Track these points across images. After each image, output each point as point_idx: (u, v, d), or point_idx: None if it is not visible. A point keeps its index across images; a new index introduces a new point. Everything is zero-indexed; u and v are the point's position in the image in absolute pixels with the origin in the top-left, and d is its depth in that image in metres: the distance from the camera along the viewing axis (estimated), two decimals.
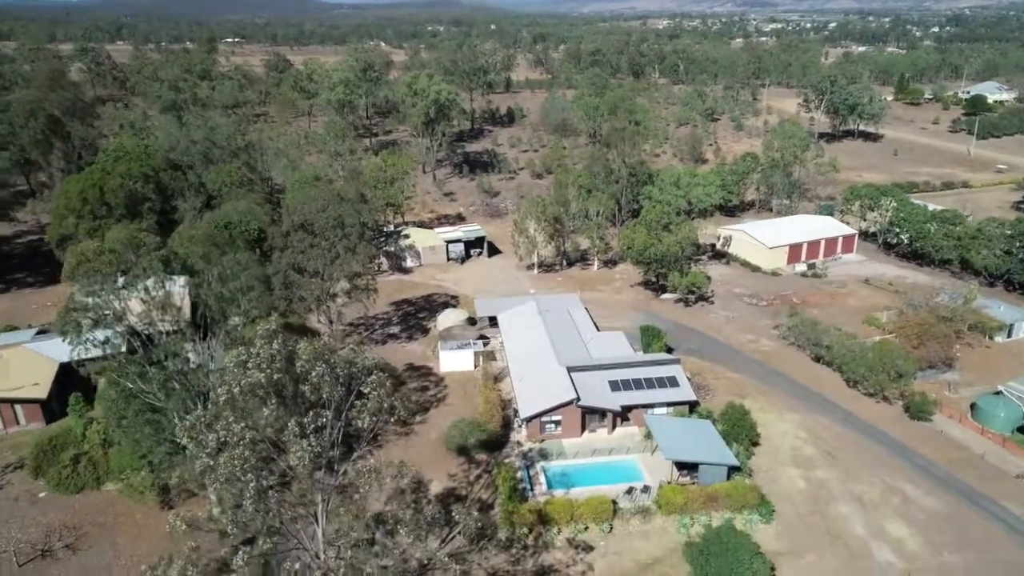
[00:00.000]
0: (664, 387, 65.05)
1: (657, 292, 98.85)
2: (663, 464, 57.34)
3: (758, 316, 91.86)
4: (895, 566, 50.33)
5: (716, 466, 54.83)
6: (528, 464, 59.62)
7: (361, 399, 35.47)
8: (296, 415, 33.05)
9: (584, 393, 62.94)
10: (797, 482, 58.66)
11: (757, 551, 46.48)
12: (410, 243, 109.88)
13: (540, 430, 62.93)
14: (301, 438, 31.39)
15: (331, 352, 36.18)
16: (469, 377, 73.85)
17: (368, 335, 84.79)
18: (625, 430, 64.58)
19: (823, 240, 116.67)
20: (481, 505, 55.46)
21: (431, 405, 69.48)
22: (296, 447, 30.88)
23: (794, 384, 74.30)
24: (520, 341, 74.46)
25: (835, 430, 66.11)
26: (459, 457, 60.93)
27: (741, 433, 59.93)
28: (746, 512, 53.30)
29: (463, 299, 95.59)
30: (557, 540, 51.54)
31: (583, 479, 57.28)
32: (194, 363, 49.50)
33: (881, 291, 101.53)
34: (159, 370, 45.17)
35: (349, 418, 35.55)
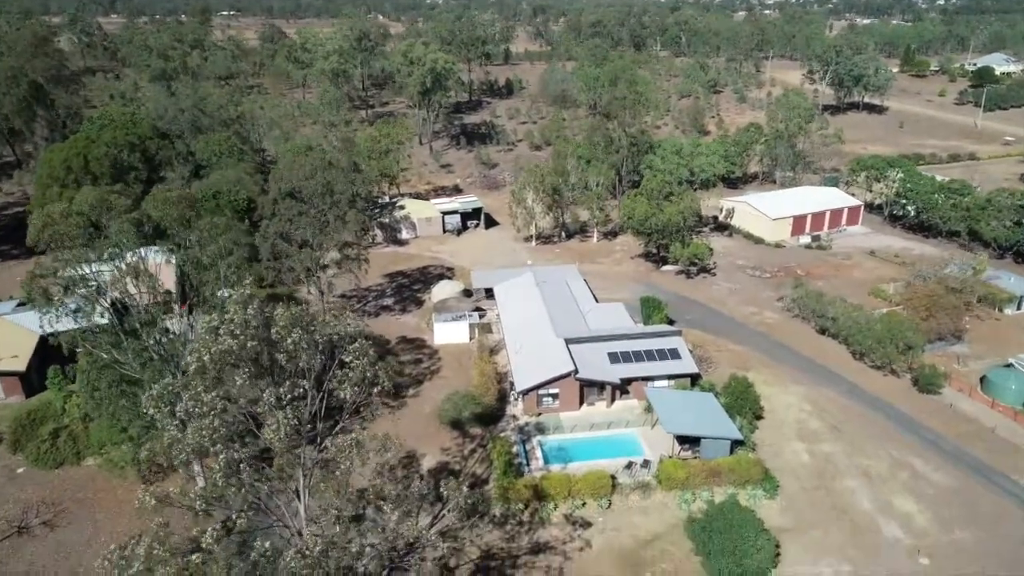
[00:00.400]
0: (665, 359, 62.92)
1: (658, 264, 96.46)
2: (664, 438, 55.36)
3: (761, 288, 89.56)
4: (903, 542, 48.54)
5: (719, 440, 52.83)
6: (524, 438, 57.66)
7: (343, 368, 33.23)
8: (273, 385, 30.80)
9: (582, 365, 60.81)
10: (802, 456, 56.73)
11: (762, 527, 44.57)
12: (405, 214, 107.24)
13: (537, 403, 60.89)
14: (277, 409, 29.15)
15: (310, 318, 33.84)
16: (464, 350, 71.71)
17: (361, 307, 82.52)
18: (624, 403, 62.56)
19: (828, 212, 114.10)
20: (475, 480, 53.58)
21: (424, 378, 67.41)
22: (271, 419, 28.65)
23: (799, 357, 72.20)
24: (517, 313, 72.23)
25: (841, 403, 64.10)
26: (453, 431, 58.96)
27: (745, 406, 57.89)
28: (749, 487, 51.39)
29: (459, 271, 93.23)
30: (554, 516, 49.70)
31: (581, 453, 55.34)
32: (174, 333, 47.26)
33: (887, 263, 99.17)
34: (134, 340, 42.91)
35: (330, 389, 33.33)
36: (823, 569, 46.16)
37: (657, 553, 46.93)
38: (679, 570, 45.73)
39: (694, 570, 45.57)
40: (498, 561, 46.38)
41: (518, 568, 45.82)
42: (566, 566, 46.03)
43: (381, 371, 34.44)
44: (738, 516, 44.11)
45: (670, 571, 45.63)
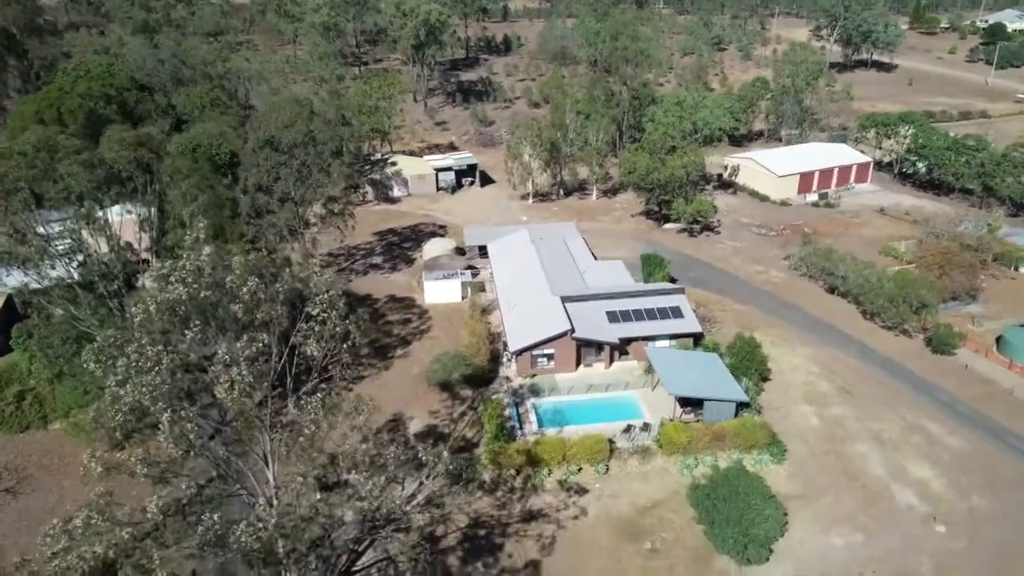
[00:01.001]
0: (667, 318, 59.59)
1: (659, 222, 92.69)
2: (665, 400, 52.30)
3: (767, 246, 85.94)
4: (918, 509, 45.75)
5: (723, 402, 49.74)
6: (517, 401, 54.60)
7: (309, 322, 29.77)
8: (229, 340, 27.42)
9: (579, 324, 57.51)
10: (810, 419, 53.73)
11: (770, 494, 41.68)
12: (397, 171, 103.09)
13: (531, 364, 57.73)
14: (230, 366, 25.77)
15: (272, 265, 30.31)
16: (455, 309, 68.37)
17: (348, 265, 78.99)
18: (624, 364, 59.41)
19: (836, 169, 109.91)
20: (465, 444, 50.65)
21: (413, 338, 64.19)
22: (225, 376, 25.30)
23: (806, 316, 68.91)
24: (511, 271, 68.73)
25: (851, 364, 60.96)
26: (442, 393, 55.89)
27: (751, 367, 54.74)
28: (755, 452, 48.45)
29: (452, 229, 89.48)
30: (547, 482, 46.83)
31: (577, 417, 52.33)
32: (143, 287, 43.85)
33: (898, 221, 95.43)
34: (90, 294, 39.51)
35: (295, 345, 29.96)
36: (834, 538, 43.41)
37: (657, 521, 44.14)
38: (680, 539, 42.96)
39: (696, 539, 42.81)
40: (487, 530, 43.60)
41: (508, 537, 43.07)
42: (559, 535, 43.27)
43: (352, 325, 30.96)
44: (744, 483, 41.18)
45: (671, 540, 42.87)
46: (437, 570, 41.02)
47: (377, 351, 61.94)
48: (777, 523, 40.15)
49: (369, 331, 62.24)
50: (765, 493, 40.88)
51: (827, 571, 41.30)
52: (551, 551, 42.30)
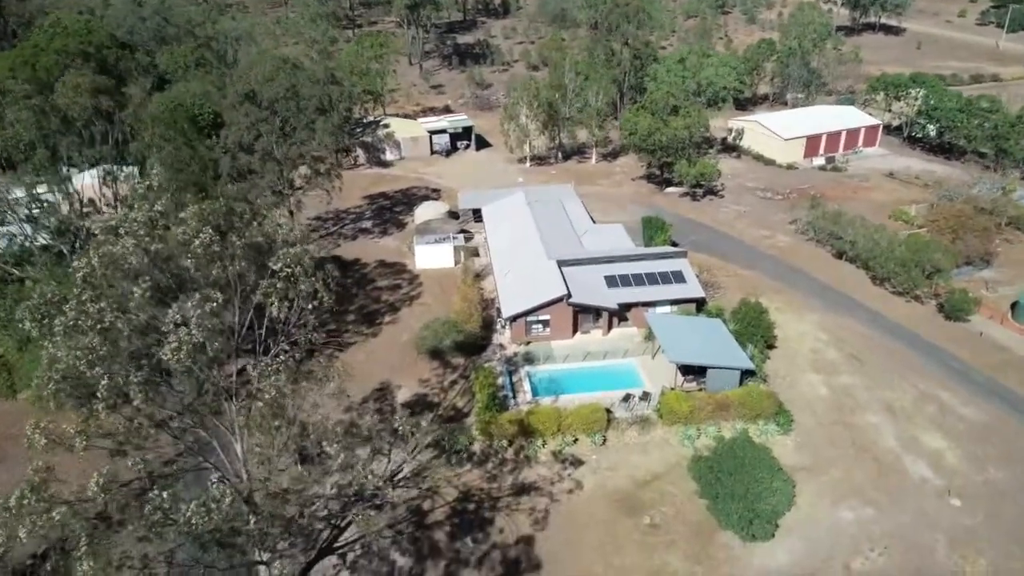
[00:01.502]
0: (668, 283, 56.77)
1: (661, 186, 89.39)
2: (666, 368, 49.71)
3: (773, 210, 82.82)
4: (932, 483, 43.34)
5: (727, 370, 47.15)
6: (511, 369, 52.03)
7: (271, 279, 26.85)
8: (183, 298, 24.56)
9: (576, 289, 54.73)
10: (818, 388, 51.19)
11: (777, 467, 39.21)
12: (389, 133, 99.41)
13: (526, 331, 55.06)
14: (179, 327, 22.98)
15: (236, 217, 27.36)
16: (448, 275, 65.49)
17: (337, 230, 75.99)
18: (623, 331, 56.75)
19: (844, 132, 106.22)
20: (456, 414, 48.16)
21: (403, 304, 61.42)
22: (173, 337, 22.52)
23: (814, 282, 66.08)
24: (505, 234, 65.76)
25: (860, 332, 58.28)
26: (432, 361, 53.29)
27: (756, 334, 52.05)
28: (761, 422, 45.95)
29: (446, 193, 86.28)
30: (541, 454, 44.40)
31: (573, 385, 49.79)
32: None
33: (908, 185, 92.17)
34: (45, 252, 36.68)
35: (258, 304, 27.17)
36: (843, 513, 41.05)
37: (656, 495, 41.77)
38: (681, 513, 40.62)
39: (698, 514, 40.46)
40: (477, 504, 41.24)
41: (499, 511, 40.71)
42: (553, 509, 40.92)
43: (319, 283, 28.08)
44: (750, 454, 38.73)
45: (671, 515, 40.52)
46: (423, 546, 38.74)
47: (365, 318, 59.26)
48: (785, 497, 37.79)
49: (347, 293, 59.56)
50: (772, 465, 38.45)
51: (836, 547, 39.00)
52: (544, 526, 39.99)
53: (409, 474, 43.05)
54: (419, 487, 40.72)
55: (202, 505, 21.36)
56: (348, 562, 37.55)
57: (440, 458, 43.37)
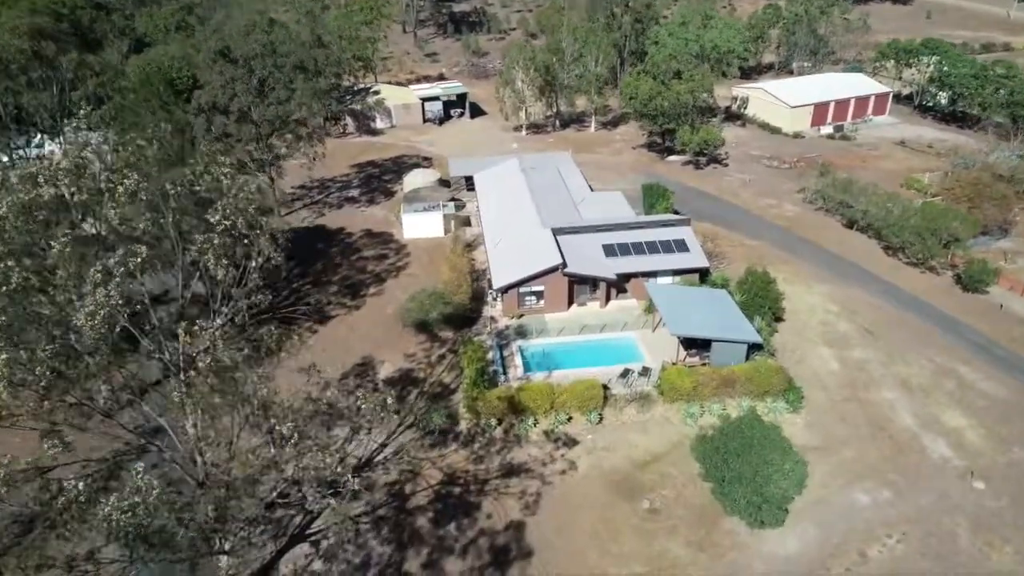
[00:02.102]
0: (670, 252, 53.39)
1: (663, 154, 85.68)
2: (667, 342, 46.52)
3: (779, 179, 79.18)
4: (953, 463, 40.26)
5: (733, 344, 43.91)
6: (502, 343, 48.83)
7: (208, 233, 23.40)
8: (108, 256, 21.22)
9: (572, 259, 51.36)
10: (830, 363, 48.00)
11: (789, 447, 36.09)
12: (379, 100, 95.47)
13: (518, 304, 51.79)
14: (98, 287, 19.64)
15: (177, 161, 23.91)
16: (437, 245, 62.09)
17: (322, 199, 72.45)
18: (622, 303, 53.49)
19: (853, 99, 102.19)
20: (442, 391, 45.02)
21: (388, 275, 58.10)
22: (90, 300, 19.21)
23: (823, 252, 62.69)
24: (498, 202, 62.25)
25: (873, 304, 55.00)
26: (419, 335, 50.07)
27: (764, 305, 48.75)
28: (769, 399, 42.80)
29: (438, 161, 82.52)
30: (532, 433, 41.31)
31: (568, 360, 46.61)
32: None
33: (920, 153, 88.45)
34: None
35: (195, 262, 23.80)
36: (858, 495, 38.01)
37: (656, 477, 38.72)
38: (683, 497, 37.59)
39: (701, 497, 37.43)
40: (463, 487, 38.22)
41: (486, 495, 37.70)
42: (545, 492, 37.89)
43: (263, 238, 24.59)
44: (759, 434, 35.62)
45: (672, 499, 37.50)
46: (404, 533, 35.78)
47: (349, 289, 55.97)
48: (797, 481, 34.71)
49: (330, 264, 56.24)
50: (783, 446, 35.30)
51: (850, 533, 36.00)
52: (535, 510, 36.97)
53: (391, 455, 40.06)
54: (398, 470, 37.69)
55: (124, 499, 18.16)
56: (321, 550, 34.62)
57: (423, 439, 40.34)
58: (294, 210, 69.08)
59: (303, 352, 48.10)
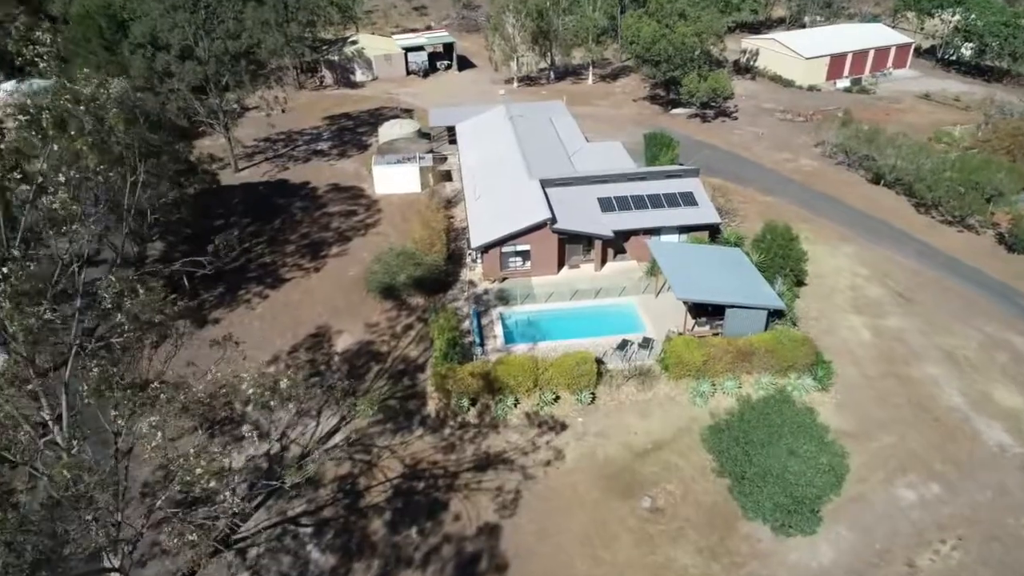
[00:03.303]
0: (676, 206, 46.46)
1: (666, 107, 78.24)
2: (673, 309, 39.90)
3: (795, 133, 71.91)
4: (1012, 451, 33.80)
5: (751, 310, 37.15)
6: (481, 310, 42.11)
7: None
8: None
9: (563, 214, 44.48)
10: (861, 333, 41.35)
11: (826, 436, 29.45)
12: (359, 50, 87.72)
13: (501, 265, 45.00)
14: None
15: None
16: (412, 202, 55.07)
17: (287, 151, 65.23)
18: (619, 265, 46.72)
19: (871, 51, 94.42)
20: (408, 367, 38.41)
21: (355, 234, 51.22)
22: None
23: (847, 209, 55.76)
24: (481, 152, 55.12)
25: (907, 266, 48.23)
26: (385, 302, 43.32)
27: (784, 266, 41.96)
28: (793, 376, 36.19)
29: (420, 114, 75.07)
30: (512, 416, 34.77)
31: (556, 330, 39.96)
32: None
33: (946, 107, 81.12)
34: None
35: None
36: (902, 491, 31.58)
37: (659, 470, 32.26)
38: (691, 494, 31.16)
39: (714, 494, 31.01)
40: (427, 482, 31.75)
41: (455, 491, 31.24)
42: (526, 488, 31.45)
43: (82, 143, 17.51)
44: (789, 419, 28.97)
45: (678, 496, 31.08)
46: (353, 539, 29.39)
47: (308, 249, 49.13)
48: (837, 479, 28.07)
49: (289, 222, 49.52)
50: (819, 435, 28.67)
51: (895, 538, 29.64)
52: (513, 511, 30.56)
53: (343, 442, 33.61)
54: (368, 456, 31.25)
55: None
56: (248, 561, 28.23)
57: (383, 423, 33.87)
58: (254, 164, 61.91)
59: (249, 321, 41.65)
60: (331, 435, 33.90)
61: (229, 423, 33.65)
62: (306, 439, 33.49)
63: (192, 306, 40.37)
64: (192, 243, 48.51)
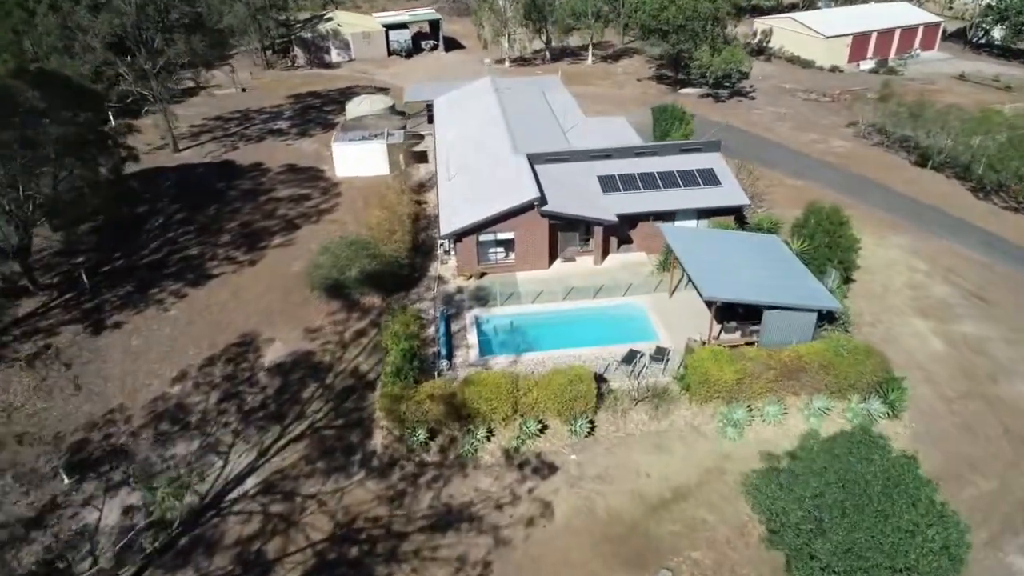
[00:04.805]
0: (693, 185, 37.97)
1: (674, 86, 69.87)
2: (691, 311, 31.45)
3: (820, 113, 63.59)
4: None
5: (797, 312, 28.55)
6: (450, 313, 33.55)
7: None
8: None
9: (555, 195, 36.02)
10: (931, 342, 32.81)
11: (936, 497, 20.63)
12: (334, 28, 79.43)
13: (478, 258, 36.48)
14: None
15: None
16: (379, 185, 46.44)
17: (240, 130, 56.73)
18: (625, 257, 38.22)
19: (897, 30, 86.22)
20: (355, 384, 29.83)
21: (306, 221, 42.68)
22: None
23: (892, 194, 47.33)
24: (460, 127, 46.59)
25: (974, 259, 39.72)
26: (332, 302, 34.71)
27: (833, 257, 33.42)
28: (854, 398, 27.61)
29: (397, 93, 66.64)
30: (484, 453, 26.17)
31: (546, 338, 31.44)
32: None
33: (987, 88, 72.83)
34: None
35: None
36: (1015, 559, 22.98)
37: (682, 529, 23.64)
38: (726, 565, 22.54)
39: (758, 565, 22.37)
40: (366, 547, 23.10)
41: (400, 562, 22.58)
42: (500, 557, 22.79)
43: None
44: (882, 471, 20.27)
45: (708, 568, 22.43)
46: None
47: (246, 239, 40.57)
48: (953, 563, 19.24)
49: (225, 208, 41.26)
50: (924, 492, 19.97)
51: None
52: None
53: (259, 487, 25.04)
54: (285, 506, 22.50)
55: None
56: None
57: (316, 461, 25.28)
58: (198, 144, 53.46)
59: (158, 327, 33.09)
60: (243, 478, 25.33)
61: (109, 459, 25.17)
62: (209, 483, 24.94)
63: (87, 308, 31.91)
64: (108, 233, 40.12)
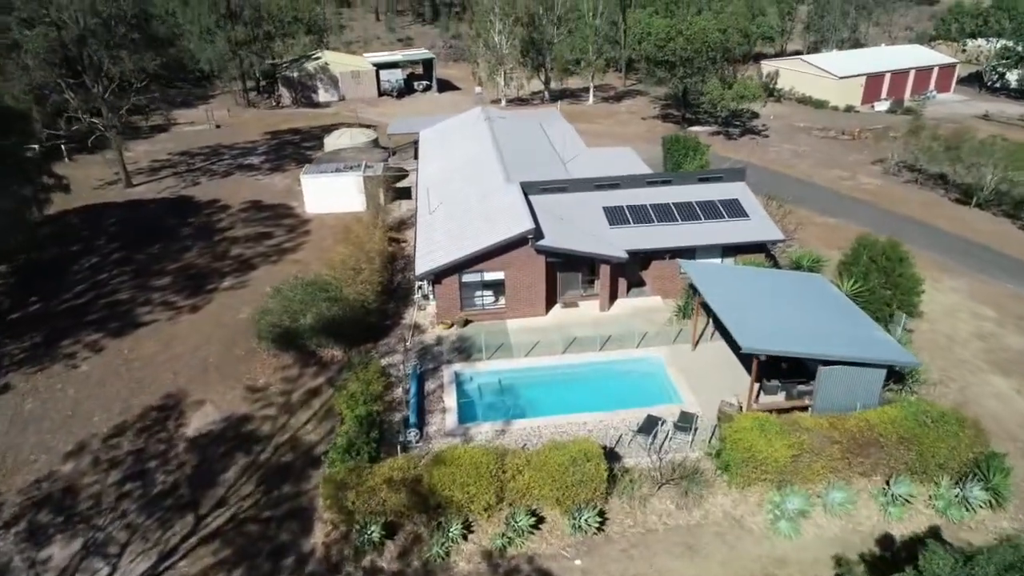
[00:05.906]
0: (716, 217, 32.31)
1: (681, 124, 65.16)
2: (721, 366, 25.34)
3: (841, 150, 58.72)
4: None
5: (862, 368, 22.41)
6: (425, 369, 27.39)
7: None
8: None
9: (553, 228, 30.35)
10: (1015, 403, 26.57)
11: None
12: (323, 66, 75.36)
13: (461, 303, 30.52)
14: None
15: None
16: (353, 223, 40.77)
17: (205, 165, 51.49)
18: (637, 302, 32.26)
19: (912, 71, 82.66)
20: (296, 459, 23.48)
21: (263, 261, 36.82)
22: None
23: (939, 233, 41.74)
24: (446, 158, 41.31)
25: None
26: (284, 355, 28.52)
27: (892, 301, 27.47)
28: (944, 480, 21.26)
29: (383, 131, 61.89)
30: (458, 557, 19.64)
31: (542, 401, 25.28)
32: None
33: (1012, 127, 68.30)
34: None
35: None
36: None
37: None
38: None
39: None
40: None
41: None
42: None
43: None
44: None
45: None
46: None
47: (189, 281, 34.66)
48: None
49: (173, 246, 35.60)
50: None
51: None
52: None
53: None
54: None
55: None
56: None
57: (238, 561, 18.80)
58: (156, 179, 48.16)
59: (62, 386, 26.91)
60: None
61: None
62: None
63: None
64: (27, 274, 34.32)
